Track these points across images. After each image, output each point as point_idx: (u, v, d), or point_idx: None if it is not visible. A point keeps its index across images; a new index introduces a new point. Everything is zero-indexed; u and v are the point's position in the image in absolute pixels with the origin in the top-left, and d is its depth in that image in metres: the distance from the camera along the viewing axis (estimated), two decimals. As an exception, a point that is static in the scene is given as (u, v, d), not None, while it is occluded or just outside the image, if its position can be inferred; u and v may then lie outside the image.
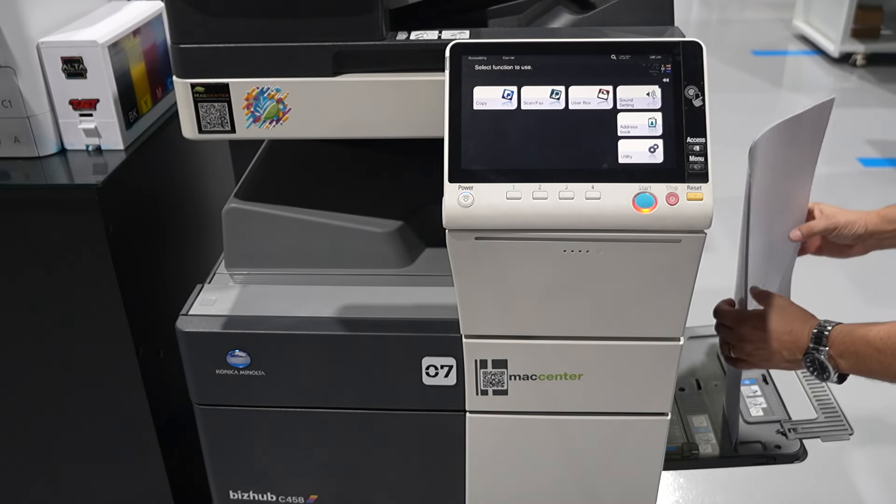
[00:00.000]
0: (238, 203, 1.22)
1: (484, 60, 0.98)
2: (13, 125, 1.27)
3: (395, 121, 1.06)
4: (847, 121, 4.31)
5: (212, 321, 1.14)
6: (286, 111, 1.05)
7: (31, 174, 1.27)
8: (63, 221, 1.24)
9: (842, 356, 1.15)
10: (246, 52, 1.02)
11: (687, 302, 1.05)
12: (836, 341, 1.16)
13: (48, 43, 1.25)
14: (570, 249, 1.00)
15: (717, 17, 6.41)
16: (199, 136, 1.08)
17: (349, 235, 1.21)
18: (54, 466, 1.47)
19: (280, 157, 1.39)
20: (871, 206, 1.41)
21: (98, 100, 1.29)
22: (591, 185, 0.96)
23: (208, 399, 1.19)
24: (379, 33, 1.01)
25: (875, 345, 1.13)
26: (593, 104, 0.97)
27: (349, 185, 1.32)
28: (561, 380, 1.13)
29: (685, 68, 0.97)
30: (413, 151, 1.25)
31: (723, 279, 2.68)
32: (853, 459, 2.15)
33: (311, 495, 1.28)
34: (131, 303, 1.31)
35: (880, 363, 1.12)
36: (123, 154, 1.32)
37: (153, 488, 1.48)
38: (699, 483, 2.07)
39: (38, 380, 1.38)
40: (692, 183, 0.95)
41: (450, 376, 1.14)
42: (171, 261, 1.52)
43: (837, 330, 1.17)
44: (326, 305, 1.16)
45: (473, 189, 0.96)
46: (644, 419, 1.17)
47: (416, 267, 1.24)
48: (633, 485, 1.24)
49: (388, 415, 1.19)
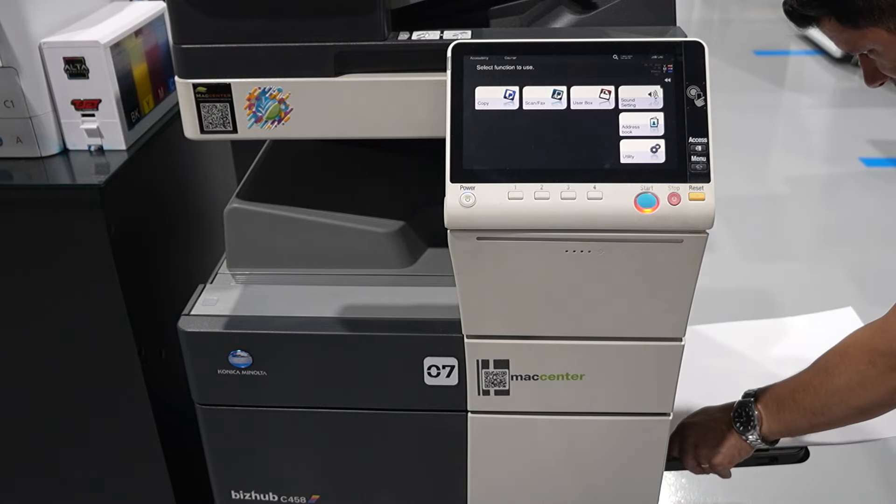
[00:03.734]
0: (240, 203, 1.22)
1: (486, 60, 0.99)
2: (15, 125, 1.27)
3: (396, 121, 1.06)
4: (849, 121, 4.31)
5: (213, 321, 1.14)
6: (288, 111, 1.05)
7: (34, 174, 1.27)
8: (65, 221, 1.24)
9: (765, 405, 1.21)
10: (248, 53, 1.02)
11: (689, 302, 1.05)
12: (763, 392, 1.23)
13: (50, 43, 1.25)
14: (571, 249, 1.00)
15: (718, 17, 6.41)
16: (200, 137, 1.08)
17: (351, 235, 1.21)
18: (55, 466, 1.47)
19: (282, 158, 1.39)
20: (874, 206, 1.41)
21: (100, 100, 1.29)
22: (592, 185, 0.96)
23: (210, 399, 1.19)
24: (381, 33, 1.01)
25: (791, 385, 1.19)
26: (595, 104, 0.97)
27: (351, 185, 1.32)
28: (563, 380, 1.13)
29: (687, 68, 0.97)
30: (415, 151, 1.25)
31: (724, 279, 2.69)
32: (855, 460, 2.15)
33: (313, 495, 1.28)
34: (133, 303, 1.31)
35: (795, 403, 1.17)
36: (125, 154, 1.32)
37: (155, 488, 1.48)
38: (701, 483, 2.07)
39: (39, 380, 1.38)
40: (694, 183, 0.95)
41: (451, 376, 1.14)
42: (173, 261, 1.52)
43: (768, 386, 1.23)
44: (328, 305, 1.16)
45: (475, 189, 0.96)
46: (646, 419, 1.17)
47: (418, 267, 1.24)
48: (634, 485, 1.24)
49: (390, 415, 1.19)
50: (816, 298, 2.71)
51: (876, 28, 1.04)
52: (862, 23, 1.04)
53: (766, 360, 1.49)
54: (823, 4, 1.06)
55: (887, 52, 1.07)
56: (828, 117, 4.48)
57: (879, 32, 1.04)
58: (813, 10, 1.08)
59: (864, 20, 1.04)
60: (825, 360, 1.16)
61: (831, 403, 1.14)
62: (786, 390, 1.19)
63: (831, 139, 4.21)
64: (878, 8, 1.02)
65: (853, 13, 1.04)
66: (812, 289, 2.82)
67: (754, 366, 1.48)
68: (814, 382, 1.15)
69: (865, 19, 1.04)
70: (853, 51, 1.12)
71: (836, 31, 1.08)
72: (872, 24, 1.04)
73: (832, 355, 1.16)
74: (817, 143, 4.12)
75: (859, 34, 1.06)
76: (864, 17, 1.03)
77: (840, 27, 1.07)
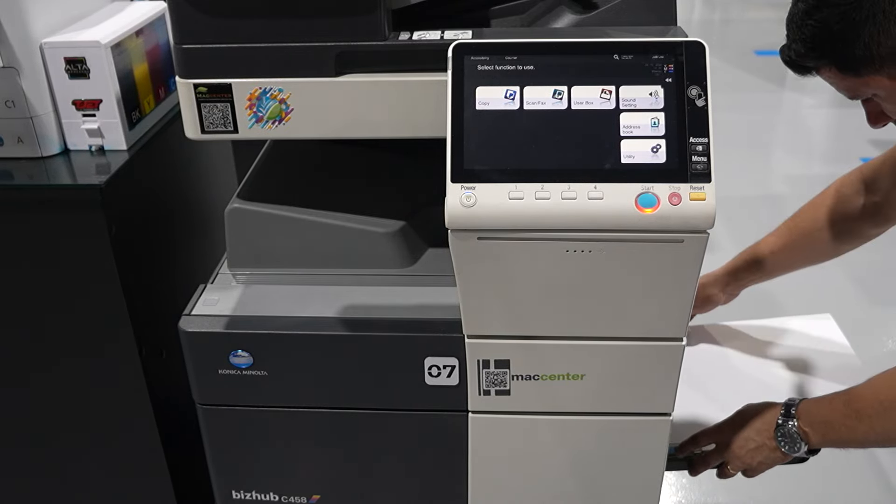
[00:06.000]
0: (241, 203, 1.22)
1: (486, 60, 0.99)
2: (16, 125, 1.27)
3: (397, 121, 1.06)
4: (849, 120, 4.30)
5: (214, 321, 1.14)
6: (289, 111, 1.05)
7: (35, 174, 1.27)
8: (66, 221, 1.24)
9: (811, 426, 1.18)
10: (249, 53, 1.02)
11: (689, 302, 1.05)
12: (804, 412, 1.19)
13: (51, 43, 1.25)
14: (572, 249, 1.00)
15: (719, 17, 6.41)
16: (201, 137, 1.08)
17: (352, 235, 1.21)
18: (55, 466, 1.47)
19: (282, 158, 1.39)
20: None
21: (101, 100, 1.29)
22: (593, 185, 0.96)
23: (211, 399, 1.19)
24: (381, 33, 1.01)
25: (841, 410, 1.16)
26: (596, 104, 0.97)
27: (351, 185, 1.32)
28: (563, 380, 1.13)
29: (688, 68, 0.97)
30: (415, 152, 1.25)
31: (725, 279, 2.67)
32: (855, 460, 2.15)
33: (314, 495, 1.28)
34: (134, 303, 1.31)
35: (847, 427, 1.15)
36: (126, 154, 1.32)
37: (156, 488, 1.48)
38: (701, 483, 2.07)
39: (40, 380, 1.38)
40: (695, 183, 0.95)
41: (452, 376, 1.14)
42: (174, 261, 1.52)
43: (805, 403, 1.20)
44: (329, 305, 1.16)
45: (476, 189, 0.96)
46: (646, 419, 1.17)
47: (419, 267, 1.24)
48: (635, 485, 1.24)
49: (391, 415, 1.19)
50: (817, 298, 2.71)
51: (877, 76, 1.03)
52: (863, 71, 1.03)
53: (766, 360, 1.49)
54: (823, 55, 1.05)
55: (890, 97, 1.06)
56: (828, 117, 4.48)
57: (881, 80, 1.04)
58: (812, 60, 1.07)
59: (864, 69, 1.03)
60: (877, 390, 1.14)
61: (889, 432, 1.13)
62: (836, 415, 1.16)
63: (832, 139, 4.21)
64: (878, 56, 1.01)
65: (853, 62, 1.03)
66: (812, 289, 2.82)
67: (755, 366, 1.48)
68: (867, 412, 1.13)
69: (866, 67, 1.03)
70: (856, 97, 1.11)
71: (838, 79, 1.07)
72: (874, 72, 1.03)
73: (886, 387, 1.13)
74: (818, 143, 4.12)
75: (861, 82, 1.06)
76: (865, 65, 1.03)
77: (841, 76, 1.06)
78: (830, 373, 1.45)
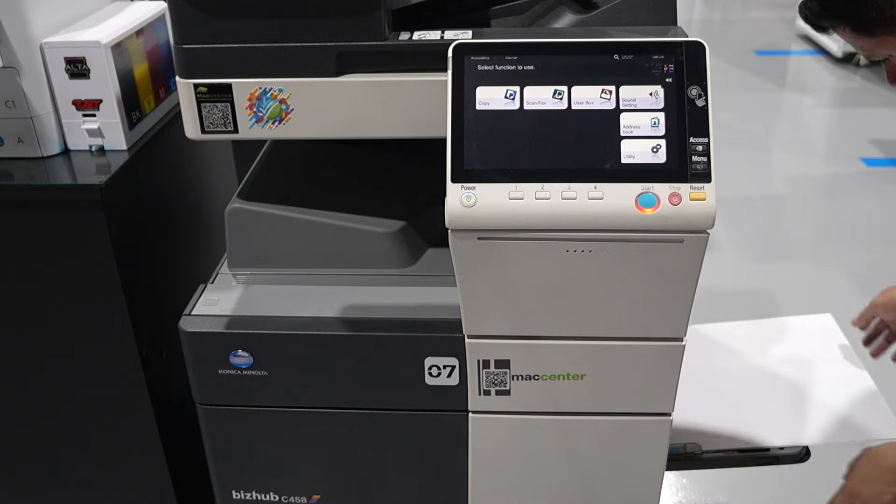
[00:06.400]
0: (241, 203, 1.22)
1: (486, 60, 0.99)
2: (16, 125, 1.27)
3: (397, 121, 1.06)
4: (850, 121, 4.31)
5: (214, 321, 1.14)
6: (289, 111, 1.05)
7: (35, 174, 1.27)
8: (66, 222, 1.24)
9: None
10: (249, 53, 1.02)
11: (689, 302, 1.05)
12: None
13: (51, 43, 1.26)
14: (572, 249, 1.00)
15: (719, 17, 6.40)
16: (201, 137, 1.08)
17: (352, 235, 1.21)
18: (56, 466, 1.48)
19: (283, 158, 1.39)
20: (875, 206, 1.42)
21: (101, 100, 1.29)
22: (593, 185, 0.96)
23: (211, 399, 1.19)
24: (382, 33, 1.02)
25: None
26: (596, 104, 0.97)
27: (352, 185, 1.32)
28: (564, 380, 1.13)
29: (688, 68, 0.97)
30: (415, 152, 1.25)
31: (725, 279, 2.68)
32: (856, 460, 2.14)
33: (314, 495, 1.28)
34: (134, 303, 1.31)
35: None
36: (126, 154, 1.32)
37: (156, 488, 1.48)
38: (702, 483, 2.07)
39: (40, 380, 1.38)
40: (695, 183, 0.95)
41: (452, 376, 1.14)
42: (174, 261, 1.52)
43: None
44: (329, 306, 1.16)
45: (476, 189, 0.96)
46: (647, 419, 1.17)
47: (419, 267, 1.24)
48: (635, 485, 1.24)
49: (391, 415, 1.19)
50: (817, 299, 2.71)
51: (891, 37, 1.05)
52: (878, 32, 1.05)
53: (766, 360, 1.49)
54: (837, 15, 1.07)
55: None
56: (829, 117, 4.48)
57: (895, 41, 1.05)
58: (827, 20, 1.09)
59: (879, 29, 1.04)
60: None
61: None
62: None
63: (832, 139, 4.21)
64: (891, 18, 1.02)
65: (867, 23, 1.05)
66: (812, 289, 2.82)
67: (754, 365, 1.48)
68: None
69: (881, 28, 1.04)
70: (872, 56, 1.12)
71: (853, 38, 1.09)
72: (888, 33, 1.04)
73: None
74: (818, 143, 4.12)
75: (876, 42, 1.07)
76: (879, 26, 1.04)
77: (856, 35, 1.08)
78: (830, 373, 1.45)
